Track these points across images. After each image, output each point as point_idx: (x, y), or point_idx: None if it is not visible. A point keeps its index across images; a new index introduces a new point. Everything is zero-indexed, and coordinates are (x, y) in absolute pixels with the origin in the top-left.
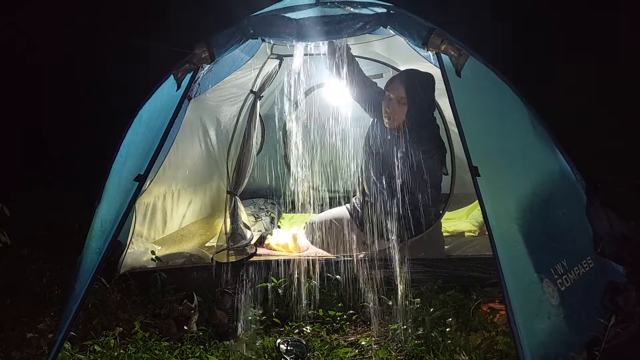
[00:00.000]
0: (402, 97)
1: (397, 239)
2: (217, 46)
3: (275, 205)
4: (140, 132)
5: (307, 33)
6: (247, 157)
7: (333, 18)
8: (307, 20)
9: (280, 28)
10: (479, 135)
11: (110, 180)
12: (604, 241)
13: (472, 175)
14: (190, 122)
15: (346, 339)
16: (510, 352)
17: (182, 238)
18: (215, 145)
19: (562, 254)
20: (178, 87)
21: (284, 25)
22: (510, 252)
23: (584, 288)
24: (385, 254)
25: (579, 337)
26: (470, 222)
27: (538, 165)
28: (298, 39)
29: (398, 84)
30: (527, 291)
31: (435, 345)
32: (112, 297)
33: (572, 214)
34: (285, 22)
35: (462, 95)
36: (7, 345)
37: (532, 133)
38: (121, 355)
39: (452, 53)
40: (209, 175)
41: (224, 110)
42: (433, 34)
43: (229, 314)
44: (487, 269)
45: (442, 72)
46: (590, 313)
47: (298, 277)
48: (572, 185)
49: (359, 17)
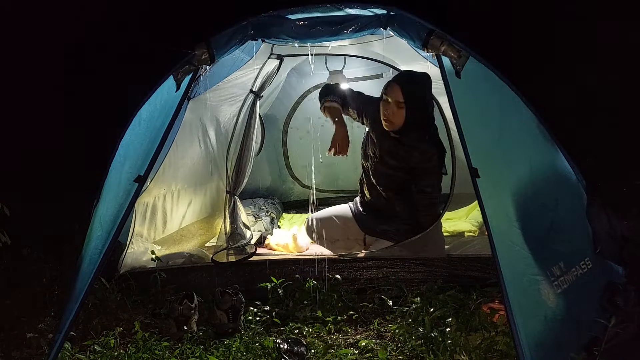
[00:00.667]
0: (399, 101)
1: (397, 239)
2: (217, 47)
3: (275, 205)
4: (139, 132)
5: (306, 34)
6: (246, 157)
7: (333, 19)
8: (307, 22)
9: (280, 29)
10: (478, 136)
11: (109, 180)
12: (603, 242)
13: (471, 176)
14: (190, 122)
15: (346, 339)
16: (510, 352)
17: (182, 238)
18: (214, 145)
19: (561, 255)
20: (178, 88)
21: (283, 26)
22: (510, 252)
23: (583, 289)
24: (385, 254)
25: (578, 338)
26: (470, 222)
27: (538, 166)
28: (297, 41)
29: (395, 87)
30: (526, 292)
31: (435, 345)
32: (112, 297)
33: (572, 215)
34: (284, 23)
35: (462, 97)
36: (7, 345)
37: (532, 133)
38: (121, 355)
39: (451, 54)
40: (209, 175)
41: (223, 110)
42: (433, 36)
43: (229, 314)
44: (487, 269)
45: (442, 74)
46: (590, 313)
47: (298, 276)
48: (573, 186)
49: (358, 18)
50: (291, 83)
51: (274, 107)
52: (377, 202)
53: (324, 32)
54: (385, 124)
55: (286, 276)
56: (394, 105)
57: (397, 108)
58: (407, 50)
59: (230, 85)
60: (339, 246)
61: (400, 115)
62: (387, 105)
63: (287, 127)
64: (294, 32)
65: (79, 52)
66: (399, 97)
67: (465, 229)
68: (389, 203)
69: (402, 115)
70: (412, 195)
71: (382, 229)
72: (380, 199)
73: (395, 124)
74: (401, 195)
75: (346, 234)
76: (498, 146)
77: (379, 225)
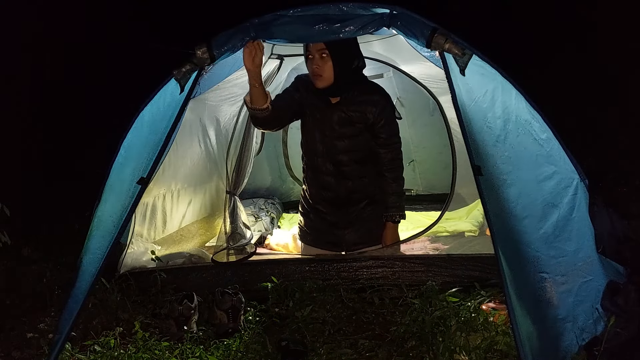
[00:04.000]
0: (321, 49)
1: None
2: (217, 47)
3: (275, 205)
4: (142, 134)
5: (307, 34)
6: (246, 157)
7: (335, 18)
8: (309, 20)
9: (282, 29)
10: (482, 134)
11: (110, 181)
12: (605, 241)
13: (474, 174)
14: (189, 122)
15: (346, 339)
16: (510, 352)
17: (182, 238)
18: (214, 145)
19: (563, 254)
20: (181, 91)
21: (285, 26)
22: (512, 251)
23: (584, 288)
24: (385, 254)
25: (578, 338)
26: (470, 222)
27: (541, 164)
28: (298, 40)
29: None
30: (528, 291)
31: (435, 345)
32: (112, 297)
33: (575, 214)
34: (286, 23)
35: (465, 95)
36: (7, 345)
37: (535, 132)
38: (121, 355)
39: (455, 52)
40: (209, 175)
41: (223, 110)
42: (437, 34)
43: (229, 314)
44: (487, 268)
45: (445, 72)
46: (590, 313)
47: (298, 276)
48: (576, 185)
49: (361, 17)
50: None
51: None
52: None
53: (326, 31)
54: (317, 82)
55: (286, 276)
56: (318, 58)
57: (320, 59)
58: (407, 50)
59: (230, 85)
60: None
61: (328, 66)
62: (311, 61)
63: (287, 127)
64: (296, 32)
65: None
66: (320, 46)
67: (466, 229)
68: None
69: (330, 67)
70: (377, 156)
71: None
72: (341, 182)
73: (325, 77)
74: (364, 164)
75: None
76: (501, 144)
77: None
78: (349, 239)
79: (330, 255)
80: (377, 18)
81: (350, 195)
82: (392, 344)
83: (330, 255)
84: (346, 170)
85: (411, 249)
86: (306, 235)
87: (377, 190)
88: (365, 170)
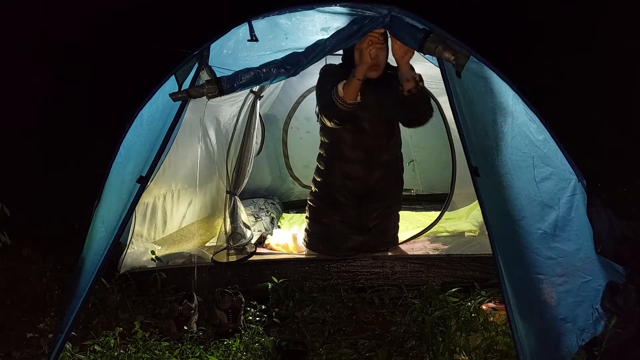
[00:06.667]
0: (384, 41)
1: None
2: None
3: (275, 205)
4: (141, 133)
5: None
6: (246, 157)
7: None
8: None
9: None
10: (479, 135)
11: (110, 181)
12: (604, 241)
13: (471, 175)
14: (190, 122)
15: (346, 339)
16: (510, 352)
17: (182, 238)
18: (215, 145)
19: (562, 254)
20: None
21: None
22: (510, 252)
23: (584, 288)
24: (385, 253)
25: (578, 338)
26: (470, 221)
27: (538, 164)
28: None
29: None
30: (527, 291)
31: (435, 345)
32: (112, 297)
33: (573, 214)
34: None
35: (462, 96)
36: (7, 345)
37: (532, 133)
38: (121, 355)
39: (446, 57)
40: (209, 175)
41: (223, 110)
42: (428, 39)
43: (229, 314)
44: (487, 268)
45: (442, 73)
46: (590, 313)
47: (298, 276)
48: (573, 186)
49: (357, 19)
50: (291, 83)
51: (274, 107)
52: (368, 178)
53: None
54: (374, 72)
55: (286, 276)
56: (380, 49)
57: (382, 50)
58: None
59: None
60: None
61: (383, 52)
62: (365, 51)
63: (287, 127)
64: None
65: (79, 52)
66: (380, 36)
67: (466, 229)
68: (383, 172)
69: (386, 51)
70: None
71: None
72: (371, 171)
73: (381, 66)
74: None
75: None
76: (499, 145)
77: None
78: (369, 243)
79: (330, 255)
80: (373, 20)
81: (375, 185)
82: (392, 344)
83: (330, 255)
84: (377, 158)
85: (411, 249)
86: (317, 243)
87: (397, 192)
88: (393, 160)
